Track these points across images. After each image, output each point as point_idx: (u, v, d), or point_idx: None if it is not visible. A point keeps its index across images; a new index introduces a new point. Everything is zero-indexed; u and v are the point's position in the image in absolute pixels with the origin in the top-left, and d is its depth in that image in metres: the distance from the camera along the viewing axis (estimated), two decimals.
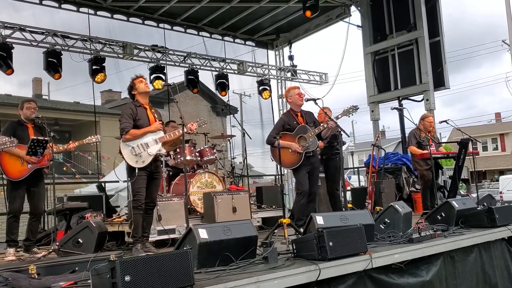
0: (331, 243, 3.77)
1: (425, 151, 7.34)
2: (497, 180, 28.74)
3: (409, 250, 4.37)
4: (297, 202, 6.06)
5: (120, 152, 5.02)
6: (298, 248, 4.04)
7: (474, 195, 8.62)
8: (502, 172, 34.34)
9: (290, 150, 5.88)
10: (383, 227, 5.00)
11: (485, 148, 38.24)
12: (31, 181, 5.48)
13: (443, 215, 5.60)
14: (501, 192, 22.94)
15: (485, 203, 6.64)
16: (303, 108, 6.30)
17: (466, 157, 7.65)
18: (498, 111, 43.63)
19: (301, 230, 4.94)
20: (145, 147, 4.98)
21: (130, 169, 5.02)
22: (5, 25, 8.83)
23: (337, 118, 6.12)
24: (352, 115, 6.25)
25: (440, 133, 32.00)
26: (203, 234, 3.62)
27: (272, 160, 6.18)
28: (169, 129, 6.29)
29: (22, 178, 5.35)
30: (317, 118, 6.61)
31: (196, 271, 3.37)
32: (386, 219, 5.06)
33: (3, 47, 8.58)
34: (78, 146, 5.76)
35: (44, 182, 5.73)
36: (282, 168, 6.42)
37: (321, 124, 6.09)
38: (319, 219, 4.23)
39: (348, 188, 10.38)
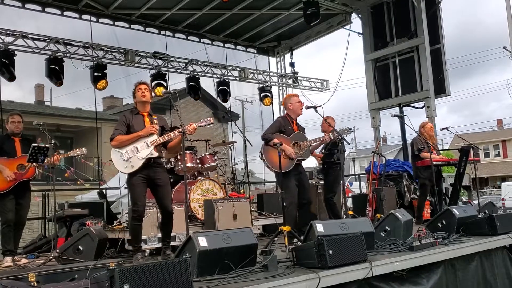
0: (331, 251, 3.77)
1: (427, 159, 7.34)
2: (499, 187, 28.70)
3: (410, 258, 4.36)
4: (289, 214, 5.56)
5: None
6: (298, 256, 4.03)
7: (476, 202, 8.59)
8: (504, 179, 34.30)
9: (283, 153, 5.62)
10: (383, 235, 4.98)
11: (487, 155, 38.18)
12: (18, 193, 5.53)
13: (444, 223, 5.60)
14: (503, 199, 22.96)
15: (486, 211, 6.63)
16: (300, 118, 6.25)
17: (467, 164, 7.64)
18: (503, 117, 43.51)
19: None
20: (135, 151, 4.86)
21: (126, 176, 5.02)
22: (8, 32, 8.87)
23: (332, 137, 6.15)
24: (346, 136, 6.19)
25: (442, 140, 32.10)
26: (202, 242, 3.62)
27: (261, 158, 5.86)
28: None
29: (9, 189, 5.40)
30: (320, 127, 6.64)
31: (196, 279, 3.38)
32: (386, 227, 5.04)
33: (6, 54, 8.62)
34: (61, 159, 5.81)
35: (30, 194, 5.79)
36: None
37: (317, 137, 6.06)
38: (319, 227, 4.21)
39: (349, 195, 10.35)
